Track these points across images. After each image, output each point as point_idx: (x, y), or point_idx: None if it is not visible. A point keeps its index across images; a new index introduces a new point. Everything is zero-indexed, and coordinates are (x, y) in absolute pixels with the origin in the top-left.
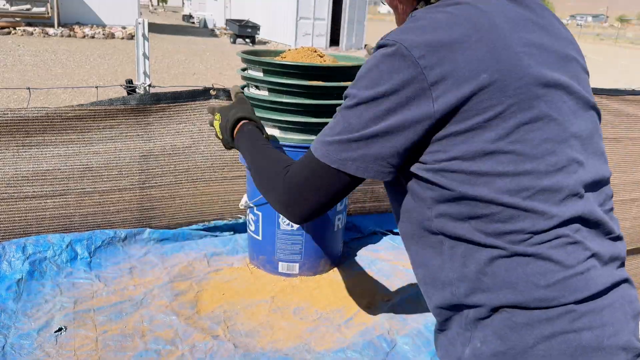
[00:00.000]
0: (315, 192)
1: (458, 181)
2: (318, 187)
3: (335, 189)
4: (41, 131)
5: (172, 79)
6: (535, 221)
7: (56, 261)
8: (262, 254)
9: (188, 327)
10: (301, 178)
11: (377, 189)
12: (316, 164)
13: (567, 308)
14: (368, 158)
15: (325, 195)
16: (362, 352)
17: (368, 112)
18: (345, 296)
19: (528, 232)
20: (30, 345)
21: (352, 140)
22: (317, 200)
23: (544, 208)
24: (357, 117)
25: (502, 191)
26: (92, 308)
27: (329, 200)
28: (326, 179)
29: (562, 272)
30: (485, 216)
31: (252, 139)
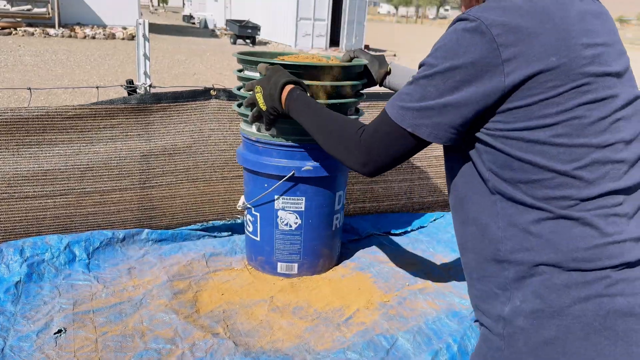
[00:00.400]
0: (389, 151)
1: (516, 147)
2: (391, 146)
3: (405, 149)
4: (41, 130)
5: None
6: (583, 190)
7: (54, 263)
8: (261, 254)
9: (188, 325)
10: (377, 139)
11: (376, 188)
12: (391, 126)
13: (603, 273)
14: (441, 125)
15: (396, 154)
16: (362, 352)
17: (444, 82)
18: (344, 296)
19: (574, 199)
20: (29, 348)
21: (428, 107)
22: (389, 158)
23: (592, 178)
24: (433, 86)
25: (555, 160)
26: (92, 309)
27: (399, 158)
28: (400, 140)
29: (601, 239)
30: (537, 181)
31: (307, 102)
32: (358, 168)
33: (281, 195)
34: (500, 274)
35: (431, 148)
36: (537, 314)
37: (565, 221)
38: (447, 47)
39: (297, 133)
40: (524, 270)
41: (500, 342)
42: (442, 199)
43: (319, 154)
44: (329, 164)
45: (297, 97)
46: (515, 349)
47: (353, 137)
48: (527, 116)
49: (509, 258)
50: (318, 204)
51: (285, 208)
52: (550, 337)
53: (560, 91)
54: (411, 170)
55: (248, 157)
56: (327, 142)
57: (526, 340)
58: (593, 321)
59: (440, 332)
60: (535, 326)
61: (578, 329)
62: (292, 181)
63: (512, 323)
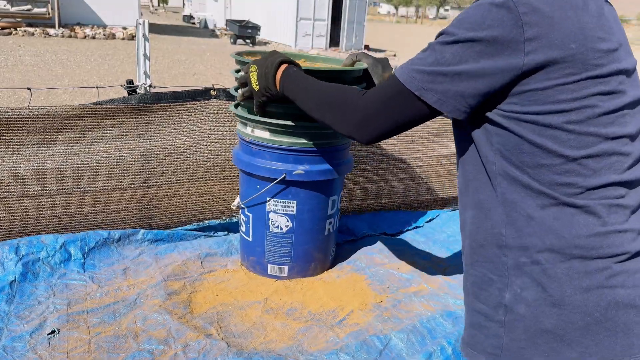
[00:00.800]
0: (390, 114)
1: (529, 130)
2: (394, 109)
3: (408, 115)
4: (42, 130)
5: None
6: (588, 178)
7: (49, 262)
8: (252, 255)
9: (181, 326)
10: (380, 98)
11: (375, 187)
12: (398, 88)
13: (604, 264)
14: (450, 93)
15: (398, 119)
16: (354, 354)
17: (463, 51)
18: (338, 298)
19: (580, 187)
20: (22, 348)
21: (441, 73)
22: (389, 123)
23: (597, 168)
24: (451, 53)
25: (565, 145)
26: (86, 309)
27: (399, 125)
28: (404, 103)
29: (603, 227)
30: (545, 166)
31: (303, 77)
32: (353, 130)
33: (272, 198)
34: (499, 260)
35: (431, 148)
36: (538, 302)
37: (568, 208)
38: (471, 19)
39: (291, 135)
40: (524, 256)
41: (499, 329)
42: (441, 197)
43: (312, 158)
44: (321, 168)
45: (293, 73)
46: (514, 335)
47: (353, 97)
48: (542, 100)
49: (509, 243)
50: (310, 208)
51: (276, 210)
52: (550, 326)
53: (576, 79)
54: (411, 169)
55: (242, 158)
56: (323, 108)
57: (526, 328)
58: (594, 312)
59: (434, 331)
60: (536, 314)
61: (579, 319)
62: (283, 184)
63: (513, 310)
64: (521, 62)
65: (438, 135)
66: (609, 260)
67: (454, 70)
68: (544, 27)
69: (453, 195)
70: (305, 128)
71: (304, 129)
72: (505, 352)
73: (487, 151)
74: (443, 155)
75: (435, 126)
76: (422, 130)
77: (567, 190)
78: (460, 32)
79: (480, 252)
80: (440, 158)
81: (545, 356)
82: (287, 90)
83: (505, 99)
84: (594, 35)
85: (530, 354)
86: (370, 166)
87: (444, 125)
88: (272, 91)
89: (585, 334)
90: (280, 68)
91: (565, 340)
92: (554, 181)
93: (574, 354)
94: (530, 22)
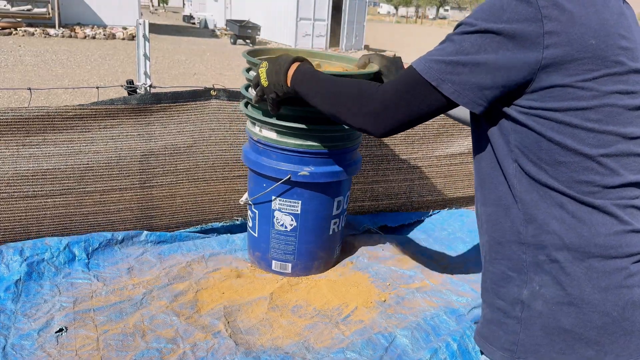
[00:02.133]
0: (406, 105)
1: (548, 127)
2: (410, 101)
3: (425, 107)
4: (42, 130)
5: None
6: (605, 177)
7: (54, 262)
8: (258, 250)
9: (189, 326)
10: (397, 89)
11: (375, 188)
12: (415, 78)
13: (622, 264)
14: (467, 84)
15: (414, 111)
16: (360, 352)
17: (482, 42)
18: (342, 295)
19: (597, 185)
20: (31, 346)
21: (459, 62)
22: (405, 114)
23: (615, 167)
24: (470, 43)
25: (584, 143)
26: (92, 308)
27: (415, 117)
28: (421, 95)
29: (621, 226)
30: (563, 164)
31: (317, 74)
32: (368, 121)
33: (278, 197)
34: (518, 257)
35: (431, 148)
36: (556, 299)
37: (587, 207)
38: (491, 10)
39: (298, 137)
40: (543, 254)
41: (516, 325)
42: (441, 198)
43: (318, 160)
44: (326, 170)
45: (306, 70)
46: (531, 332)
47: (369, 89)
48: (562, 97)
49: (529, 241)
50: (315, 208)
51: (281, 209)
52: (568, 324)
53: (595, 75)
54: (412, 170)
55: (250, 156)
56: (337, 100)
57: (543, 325)
58: (612, 311)
59: (438, 328)
60: (554, 312)
61: (596, 318)
62: (288, 184)
63: (530, 307)
64: (540, 56)
65: (438, 136)
66: (627, 260)
67: (473, 60)
68: (564, 21)
69: (454, 196)
70: (312, 131)
71: (311, 132)
72: (521, 347)
73: (505, 148)
74: (443, 156)
75: (436, 127)
76: (422, 131)
77: (585, 189)
78: (480, 22)
79: (499, 250)
80: (441, 159)
81: (562, 354)
82: (299, 86)
83: (523, 95)
84: (614, 32)
85: (546, 350)
86: (370, 167)
87: (444, 126)
88: (282, 88)
89: (603, 332)
90: (293, 65)
91: (582, 339)
92: (572, 179)
93: (590, 352)
94: (550, 16)
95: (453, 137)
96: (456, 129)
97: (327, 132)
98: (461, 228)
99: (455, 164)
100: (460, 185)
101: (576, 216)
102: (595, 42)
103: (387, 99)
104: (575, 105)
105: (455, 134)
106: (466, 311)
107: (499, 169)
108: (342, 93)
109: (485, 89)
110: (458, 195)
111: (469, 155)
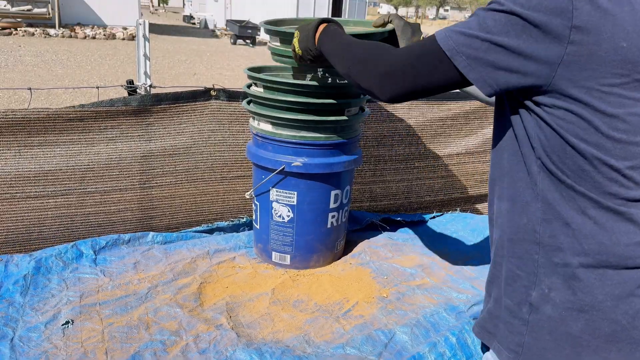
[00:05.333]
0: (417, 72)
1: (572, 134)
2: (422, 68)
3: (435, 77)
4: (43, 131)
5: (173, 79)
6: (630, 190)
7: (62, 257)
8: (260, 242)
9: (192, 318)
10: (411, 53)
11: (374, 188)
12: (432, 45)
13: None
14: (481, 61)
15: (422, 79)
16: (360, 348)
17: (506, 22)
18: (343, 290)
19: (621, 198)
20: (38, 338)
21: (478, 37)
22: (413, 81)
23: None
24: (494, 21)
25: (609, 154)
26: (98, 302)
27: (423, 86)
28: (433, 63)
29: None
30: (587, 172)
31: (341, 34)
32: (374, 83)
33: (274, 187)
34: (530, 257)
35: (431, 148)
36: (566, 304)
37: (611, 214)
38: None
39: (291, 128)
40: (558, 257)
41: (522, 326)
42: (440, 198)
43: (312, 152)
44: (320, 162)
45: (332, 30)
46: (538, 335)
47: (383, 51)
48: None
49: (544, 242)
50: (311, 200)
51: (279, 200)
52: (576, 331)
53: (624, 81)
54: (410, 170)
55: (251, 150)
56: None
57: (552, 330)
58: (622, 319)
59: (438, 325)
60: (563, 317)
61: (606, 326)
62: (283, 174)
63: (539, 310)
64: (562, 51)
65: (436, 136)
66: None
67: (492, 39)
68: (596, 18)
69: (453, 197)
70: (306, 122)
71: (304, 123)
72: (526, 350)
73: (528, 144)
74: (442, 156)
75: (434, 127)
76: (420, 131)
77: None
78: (508, 3)
79: (510, 247)
80: (438, 159)
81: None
82: (324, 46)
83: (544, 91)
84: None
85: (552, 355)
86: (368, 167)
87: (442, 126)
88: (312, 51)
89: (610, 340)
90: (320, 26)
91: (590, 346)
92: (597, 187)
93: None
94: (582, 10)
95: (451, 137)
96: (454, 129)
97: (320, 123)
98: (464, 228)
99: (454, 164)
100: (459, 185)
101: (598, 222)
102: (627, 45)
103: (398, 62)
104: (602, 110)
105: (453, 135)
106: (466, 308)
107: (521, 164)
108: (356, 54)
109: (498, 69)
110: (457, 196)
111: (466, 155)
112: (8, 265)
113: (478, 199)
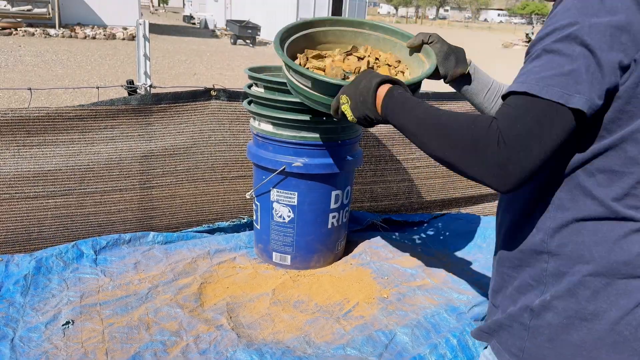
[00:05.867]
0: (538, 140)
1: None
2: (540, 133)
3: (557, 134)
4: (42, 131)
5: (173, 79)
6: None
7: (62, 257)
8: (260, 242)
9: (192, 319)
10: (522, 125)
11: (375, 189)
12: (535, 105)
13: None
14: (595, 89)
15: (547, 144)
16: (361, 348)
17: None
18: (343, 291)
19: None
20: (38, 338)
21: (575, 71)
22: (539, 152)
23: None
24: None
25: None
26: (98, 302)
27: (549, 152)
28: (549, 121)
29: None
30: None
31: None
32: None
33: (275, 188)
34: (538, 265)
35: None
36: (568, 312)
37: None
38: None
39: (292, 129)
40: (566, 265)
41: (522, 331)
42: (440, 198)
43: (312, 152)
44: (321, 162)
45: (397, 96)
46: (538, 342)
47: (486, 130)
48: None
49: (553, 250)
50: (311, 200)
51: (279, 201)
52: (578, 339)
53: None
54: (410, 171)
55: (251, 150)
56: (445, 145)
57: (552, 337)
58: (624, 330)
59: (439, 326)
60: (565, 325)
61: (607, 336)
62: (283, 175)
63: (540, 316)
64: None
65: None
66: None
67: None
68: None
69: (453, 197)
70: (306, 122)
71: (305, 123)
72: (527, 355)
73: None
74: None
75: None
76: None
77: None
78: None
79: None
80: None
81: None
82: (393, 119)
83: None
84: None
85: None
86: (369, 167)
87: None
88: (374, 118)
89: (611, 351)
90: (379, 90)
91: (591, 356)
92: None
93: None
94: None
95: None
96: None
97: (320, 123)
98: (464, 228)
99: None
100: (459, 185)
101: (612, 231)
102: None
103: (514, 142)
104: None
105: None
106: (467, 309)
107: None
108: (449, 135)
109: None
110: (457, 196)
111: None
112: (9, 265)
113: (479, 199)
